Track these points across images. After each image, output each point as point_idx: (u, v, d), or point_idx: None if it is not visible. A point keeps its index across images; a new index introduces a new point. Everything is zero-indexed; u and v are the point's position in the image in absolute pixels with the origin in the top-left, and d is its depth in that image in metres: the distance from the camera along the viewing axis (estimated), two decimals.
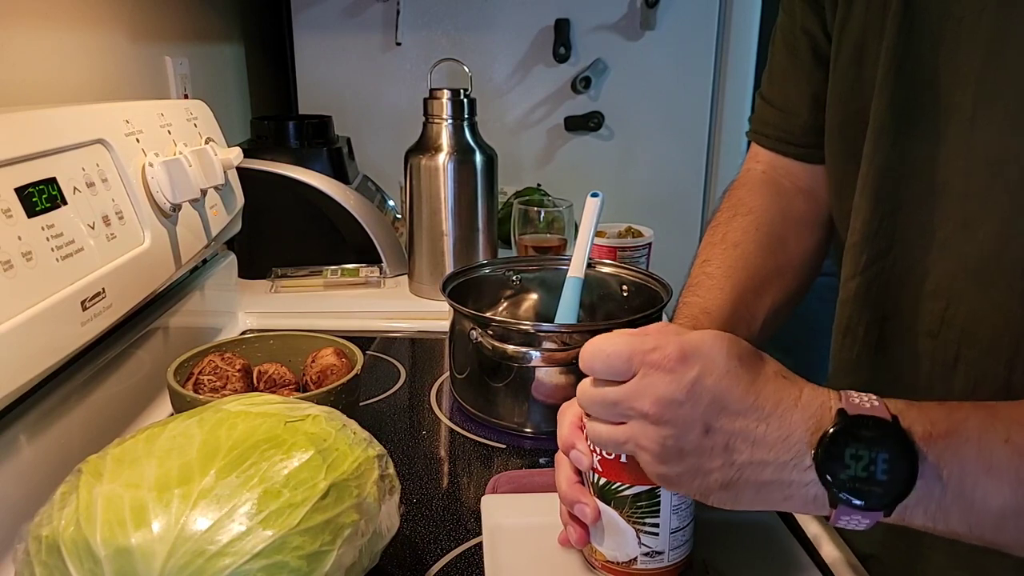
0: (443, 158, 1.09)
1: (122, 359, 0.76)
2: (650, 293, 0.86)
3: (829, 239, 0.72)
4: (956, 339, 0.53)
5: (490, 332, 0.76)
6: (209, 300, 0.99)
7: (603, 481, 0.51)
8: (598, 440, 0.49)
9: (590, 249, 0.86)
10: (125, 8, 1.02)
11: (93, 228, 0.65)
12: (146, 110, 0.79)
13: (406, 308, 1.14)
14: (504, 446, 0.78)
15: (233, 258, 1.10)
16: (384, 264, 1.21)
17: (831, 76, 0.62)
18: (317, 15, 1.49)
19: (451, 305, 0.80)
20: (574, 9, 1.48)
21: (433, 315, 1.08)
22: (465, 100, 1.10)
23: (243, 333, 1.04)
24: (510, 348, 0.75)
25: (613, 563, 0.53)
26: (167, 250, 0.77)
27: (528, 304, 0.95)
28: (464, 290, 0.87)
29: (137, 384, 0.78)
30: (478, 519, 0.62)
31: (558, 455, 0.55)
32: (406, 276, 1.20)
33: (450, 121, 1.09)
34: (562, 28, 1.48)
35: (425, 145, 1.10)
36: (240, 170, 0.96)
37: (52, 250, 0.59)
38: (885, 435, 0.41)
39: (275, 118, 1.33)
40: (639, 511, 0.51)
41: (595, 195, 0.89)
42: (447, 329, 0.85)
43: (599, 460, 0.51)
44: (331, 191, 1.19)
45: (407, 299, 1.17)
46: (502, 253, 1.21)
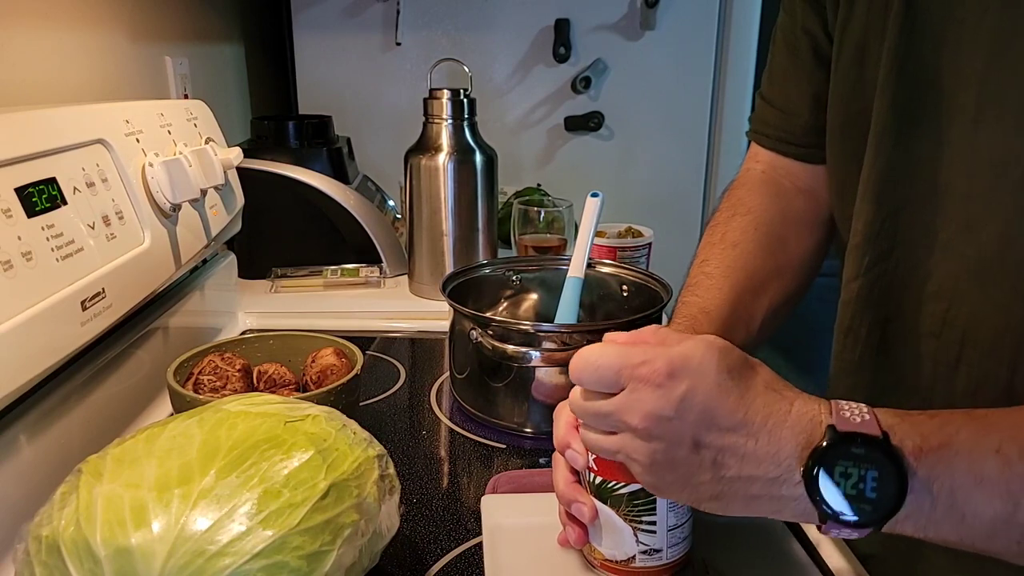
0: (443, 158, 1.09)
1: (122, 359, 0.76)
2: (650, 293, 0.86)
3: (829, 239, 0.72)
4: (958, 340, 0.53)
5: (490, 332, 0.76)
6: (209, 300, 0.99)
7: (599, 480, 0.51)
8: (591, 447, 0.50)
9: (590, 249, 0.86)
10: (125, 8, 1.02)
11: (93, 228, 0.65)
12: (146, 110, 0.79)
13: (406, 308, 1.14)
14: (504, 446, 0.78)
15: (233, 258, 1.10)
16: (384, 264, 1.21)
17: (832, 77, 0.62)
18: (317, 15, 1.49)
19: (451, 305, 0.80)
20: (574, 9, 1.48)
21: (433, 315, 1.08)
22: (465, 100, 1.10)
23: (243, 333, 1.04)
24: (510, 348, 0.75)
25: (612, 562, 0.53)
26: (167, 250, 0.77)
27: (528, 304, 0.95)
28: (464, 290, 0.87)
29: (137, 384, 0.78)
30: (478, 519, 0.62)
31: (555, 454, 0.55)
32: (406, 276, 1.20)
33: (450, 121, 1.09)
34: (562, 28, 1.48)
35: (425, 145, 1.10)
36: (240, 170, 0.96)
37: (52, 250, 0.59)
38: (875, 453, 0.41)
39: (275, 118, 1.33)
40: (635, 509, 0.51)
41: (595, 195, 0.89)
42: (447, 329, 0.85)
43: (595, 459, 0.51)
44: (331, 191, 1.19)
45: (407, 299, 1.17)
46: (502, 253, 1.21)
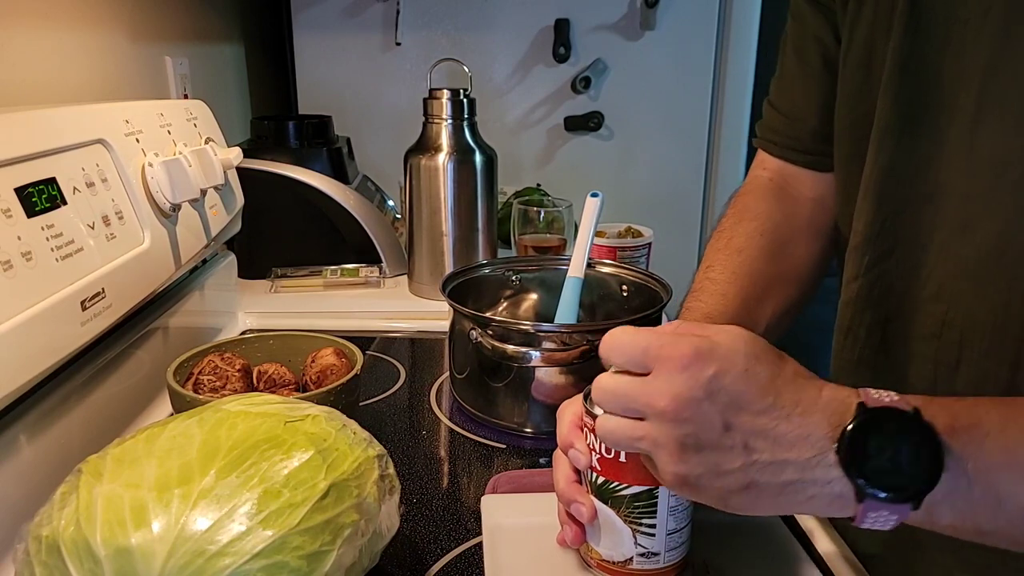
0: (443, 158, 1.09)
1: (122, 359, 0.76)
2: (650, 293, 0.86)
3: (834, 247, 0.72)
4: (957, 341, 0.53)
5: (490, 332, 0.76)
6: (209, 300, 0.99)
7: (601, 480, 0.51)
8: (612, 436, 0.47)
9: (590, 249, 0.86)
10: (125, 8, 1.02)
11: (93, 228, 0.65)
12: (146, 110, 0.79)
13: (406, 308, 1.14)
14: (504, 446, 0.78)
15: (233, 258, 1.10)
16: (384, 264, 1.21)
17: (840, 78, 0.62)
18: (317, 15, 1.49)
19: (451, 305, 0.80)
20: (574, 9, 1.48)
21: (433, 315, 1.08)
22: (465, 100, 1.10)
23: (243, 333, 1.04)
24: (510, 348, 0.75)
25: (609, 562, 0.53)
26: (167, 250, 0.77)
27: (528, 304, 0.95)
28: (464, 290, 0.87)
29: (137, 384, 0.78)
30: (478, 519, 0.62)
31: (556, 453, 0.55)
32: (406, 276, 1.20)
33: (450, 121, 1.09)
34: (562, 28, 1.48)
35: (425, 145, 1.10)
36: (240, 170, 0.96)
37: (52, 250, 0.59)
38: (908, 426, 0.41)
39: (275, 118, 1.33)
40: (636, 511, 0.51)
41: (595, 195, 0.89)
42: (447, 329, 0.85)
43: (598, 459, 0.51)
44: (331, 191, 1.19)
45: (407, 299, 1.17)
46: (502, 253, 1.21)
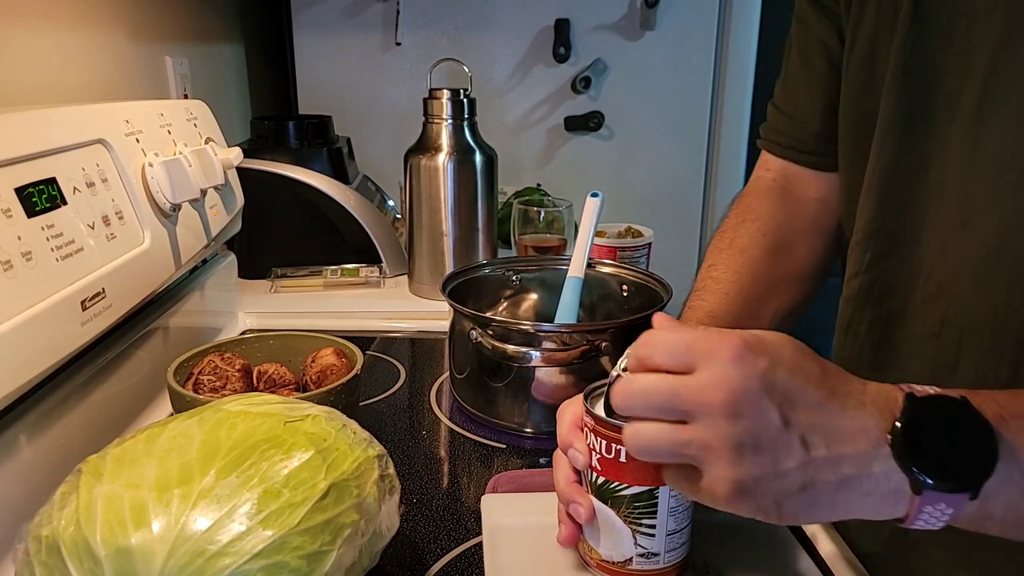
0: (443, 158, 1.09)
1: (122, 359, 0.76)
2: (650, 293, 0.86)
3: (837, 247, 0.72)
4: (957, 341, 0.53)
5: (490, 332, 0.76)
6: (209, 300, 0.99)
7: (601, 480, 0.51)
8: (653, 444, 0.43)
9: (590, 249, 0.86)
10: (125, 8, 1.02)
11: (93, 228, 0.65)
12: (146, 110, 0.79)
13: (406, 308, 1.14)
14: (504, 446, 0.78)
15: (233, 258, 1.10)
16: (384, 264, 1.21)
17: (844, 78, 0.62)
18: (317, 15, 1.49)
19: (451, 305, 0.80)
20: (574, 9, 1.48)
21: (433, 315, 1.08)
22: (465, 100, 1.10)
23: (243, 333, 1.04)
24: (510, 348, 0.75)
25: (608, 563, 0.53)
26: (167, 250, 0.77)
27: (528, 304, 0.95)
28: (464, 290, 0.87)
29: (137, 384, 0.78)
30: (478, 519, 0.62)
31: (556, 453, 0.55)
32: (406, 276, 1.20)
33: (450, 121, 1.09)
34: (562, 28, 1.48)
35: (425, 145, 1.10)
36: (240, 170, 0.96)
37: (52, 250, 0.59)
38: (960, 415, 0.40)
39: (275, 118, 1.33)
40: (636, 511, 0.51)
41: (595, 195, 0.89)
42: (447, 329, 0.85)
43: (598, 459, 0.51)
44: (331, 191, 1.19)
45: (407, 299, 1.17)
46: (502, 253, 1.21)
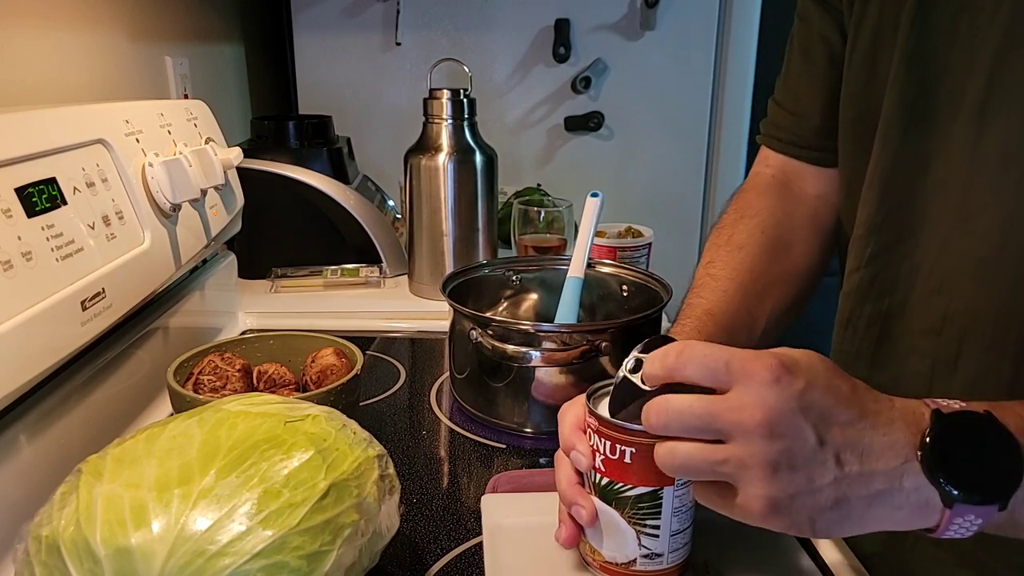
0: (443, 158, 1.09)
1: (122, 359, 0.76)
2: (650, 293, 0.86)
3: (835, 245, 0.72)
4: (958, 337, 0.53)
5: (490, 332, 0.76)
6: (209, 300, 0.99)
7: (605, 481, 0.51)
8: (689, 463, 0.44)
9: (590, 249, 0.86)
10: (125, 8, 1.02)
11: (93, 228, 0.65)
12: (146, 110, 0.79)
13: (406, 308, 1.14)
14: (504, 446, 0.78)
15: (233, 258, 1.10)
16: (384, 264, 1.21)
17: (845, 73, 0.62)
18: (317, 15, 1.49)
19: (451, 305, 0.80)
20: (574, 9, 1.48)
21: (433, 315, 1.08)
22: (465, 100, 1.10)
23: (243, 333, 1.04)
24: (510, 348, 0.75)
25: (612, 564, 0.53)
26: (167, 250, 0.77)
27: (528, 304, 0.95)
28: (464, 290, 0.87)
29: (137, 384, 0.78)
30: (478, 519, 0.62)
31: (558, 454, 0.55)
32: (406, 276, 1.20)
33: (450, 121, 1.09)
34: (562, 28, 1.48)
35: (425, 145, 1.10)
36: (240, 170, 0.96)
37: (52, 250, 0.59)
38: (985, 429, 0.41)
39: (275, 118, 1.33)
40: (640, 512, 0.51)
41: (595, 195, 0.89)
42: (447, 329, 0.85)
43: (602, 460, 0.51)
44: (331, 191, 1.19)
45: (407, 299, 1.17)
46: (502, 253, 1.21)
